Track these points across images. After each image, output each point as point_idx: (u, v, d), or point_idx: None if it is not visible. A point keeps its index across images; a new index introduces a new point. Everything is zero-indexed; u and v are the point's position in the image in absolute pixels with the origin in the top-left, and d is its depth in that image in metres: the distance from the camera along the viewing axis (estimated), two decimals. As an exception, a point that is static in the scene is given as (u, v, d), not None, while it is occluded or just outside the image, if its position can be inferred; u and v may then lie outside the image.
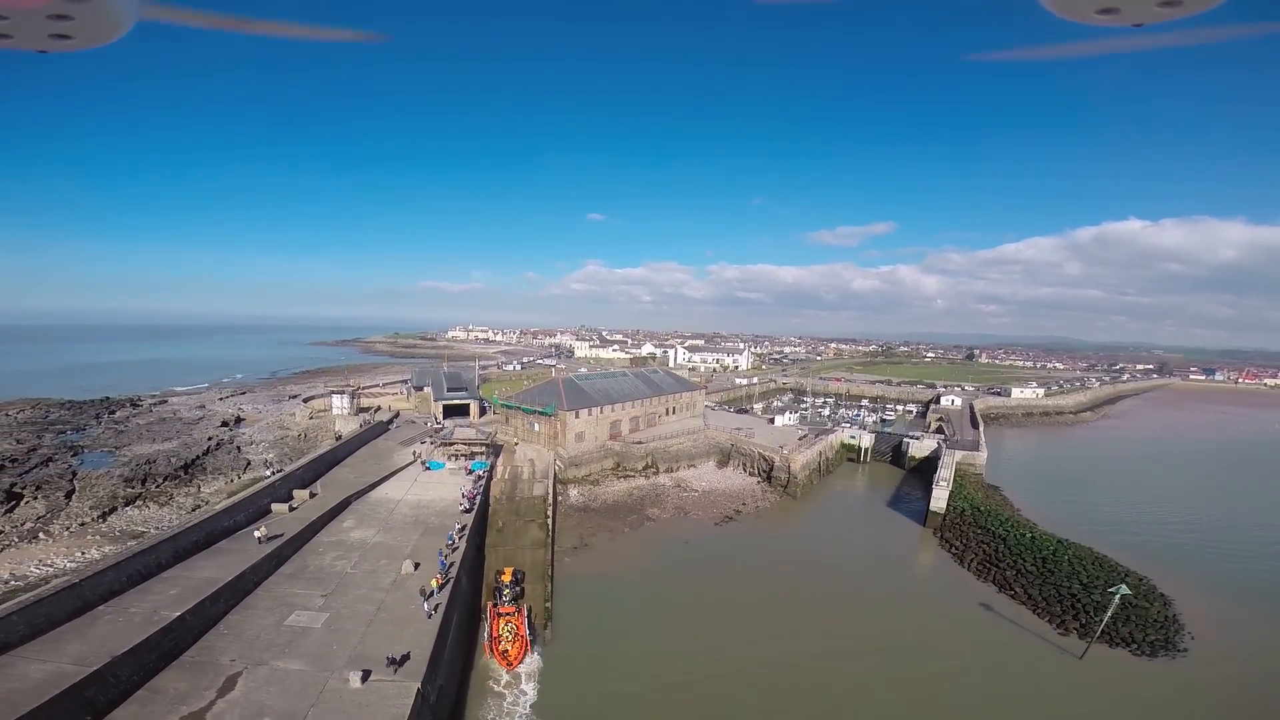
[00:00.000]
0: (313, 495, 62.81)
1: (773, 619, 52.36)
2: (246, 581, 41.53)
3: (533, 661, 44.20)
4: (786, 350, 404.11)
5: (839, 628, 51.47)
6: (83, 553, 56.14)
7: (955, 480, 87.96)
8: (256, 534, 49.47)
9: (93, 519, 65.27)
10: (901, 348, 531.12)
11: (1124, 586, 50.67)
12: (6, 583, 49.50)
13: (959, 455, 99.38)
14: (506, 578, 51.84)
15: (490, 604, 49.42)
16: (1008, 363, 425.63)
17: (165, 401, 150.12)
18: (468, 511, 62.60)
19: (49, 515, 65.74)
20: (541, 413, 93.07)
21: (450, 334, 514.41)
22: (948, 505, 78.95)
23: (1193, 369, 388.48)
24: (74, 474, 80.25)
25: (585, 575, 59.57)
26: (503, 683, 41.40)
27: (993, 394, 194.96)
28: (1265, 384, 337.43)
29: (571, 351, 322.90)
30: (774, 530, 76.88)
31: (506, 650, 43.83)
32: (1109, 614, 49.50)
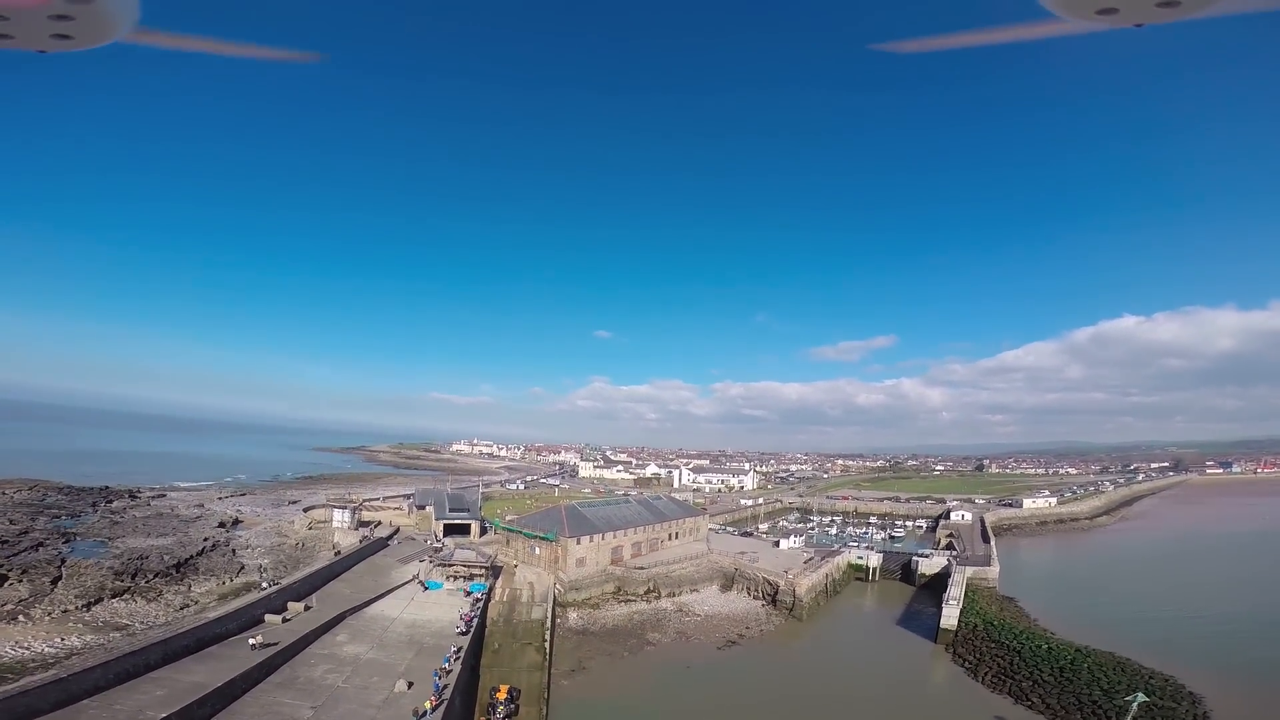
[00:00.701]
0: (307, 608, 62.28)
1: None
2: (235, 688, 40.89)
3: None
4: (793, 468, 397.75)
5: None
6: (62, 639, 54.95)
7: (967, 595, 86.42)
8: (251, 641, 49.27)
9: (76, 607, 63.99)
10: (910, 462, 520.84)
11: (1141, 694, 50.21)
12: (-20, 661, 47.96)
13: (970, 571, 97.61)
14: (502, 695, 51.58)
15: (484, 718, 48.98)
16: (1018, 471, 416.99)
17: (164, 496, 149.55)
18: (464, 634, 61.48)
19: (31, 599, 64.70)
20: (543, 538, 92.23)
21: (455, 447, 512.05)
22: (959, 621, 78.07)
23: (1209, 463, 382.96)
24: (63, 561, 79.17)
25: (582, 699, 57.62)
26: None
27: (1004, 505, 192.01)
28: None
29: (575, 470, 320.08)
30: (778, 653, 74.75)
31: None
32: (1129, 720, 48.36)
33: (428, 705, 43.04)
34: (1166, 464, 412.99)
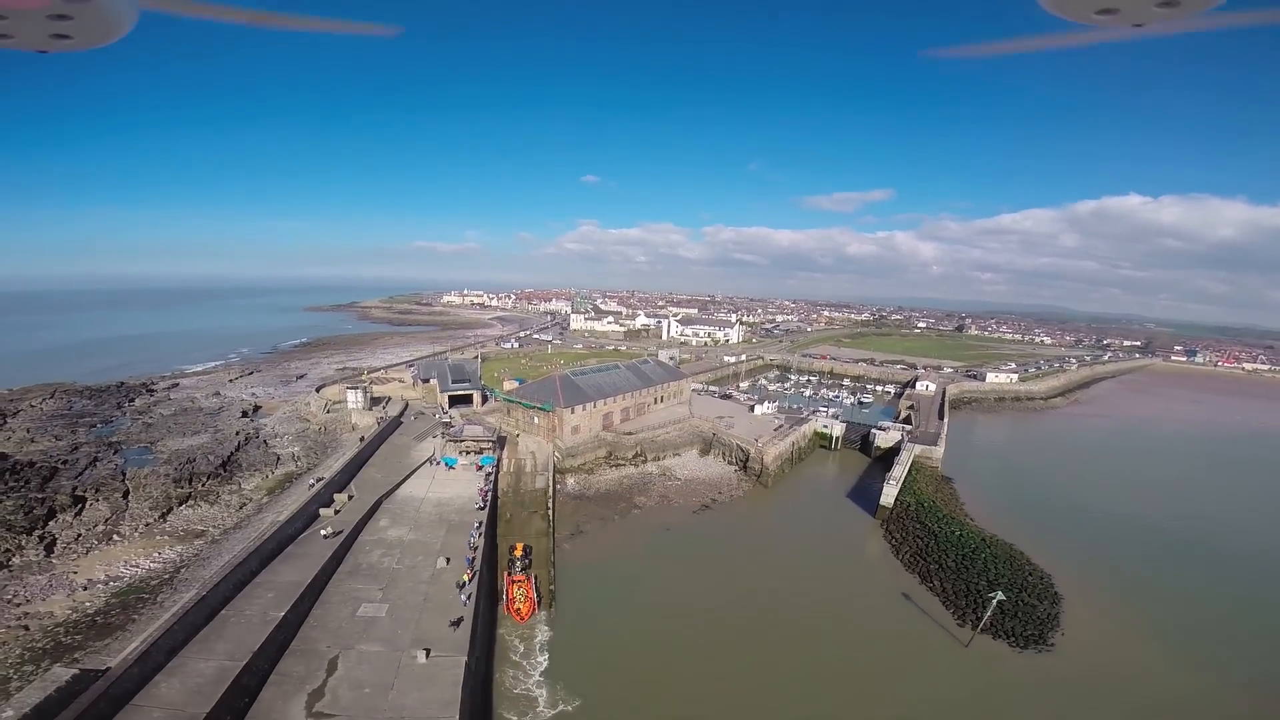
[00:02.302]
0: (350, 498, 72.38)
1: (733, 600, 63.20)
2: (319, 581, 52.33)
3: (540, 617, 57.39)
4: (779, 319, 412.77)
5: (782, 606, 62.32)
6: (159, 553, 64.67)
7: (911, 473, 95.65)
8: (323, 532, 60.83)
9: (155, 519, 72.65)
10: (895, 315, 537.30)
11: (1000, 593, 58.68)
12: (106, 583, 58.10)
13: (918, 449, 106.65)
14: (519, 552, 64.61)
15: (506, 573, 61.97)
16: (996, 335, 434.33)
17: (178, 384, 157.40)
18: (482, 509, 72.40)
19: (114, 517, 72.44)
20: (541, 408, 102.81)
21: (445, 299, 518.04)
22: (896, 500, 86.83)
23: (1176, 348, 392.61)
24: (123, 474, 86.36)
25: (582, 562, 69.23)
26: (520, 653, 52.78)
27: (969, 377, 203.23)
28: (1244, 368, 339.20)
29: (567, 322, 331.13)
30: (743, 519, 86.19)
31: (519, 609, 57.52)
32: (988, 614, 58.14)
33: (465, 577, 54.32)
34: (1138, 343, 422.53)
